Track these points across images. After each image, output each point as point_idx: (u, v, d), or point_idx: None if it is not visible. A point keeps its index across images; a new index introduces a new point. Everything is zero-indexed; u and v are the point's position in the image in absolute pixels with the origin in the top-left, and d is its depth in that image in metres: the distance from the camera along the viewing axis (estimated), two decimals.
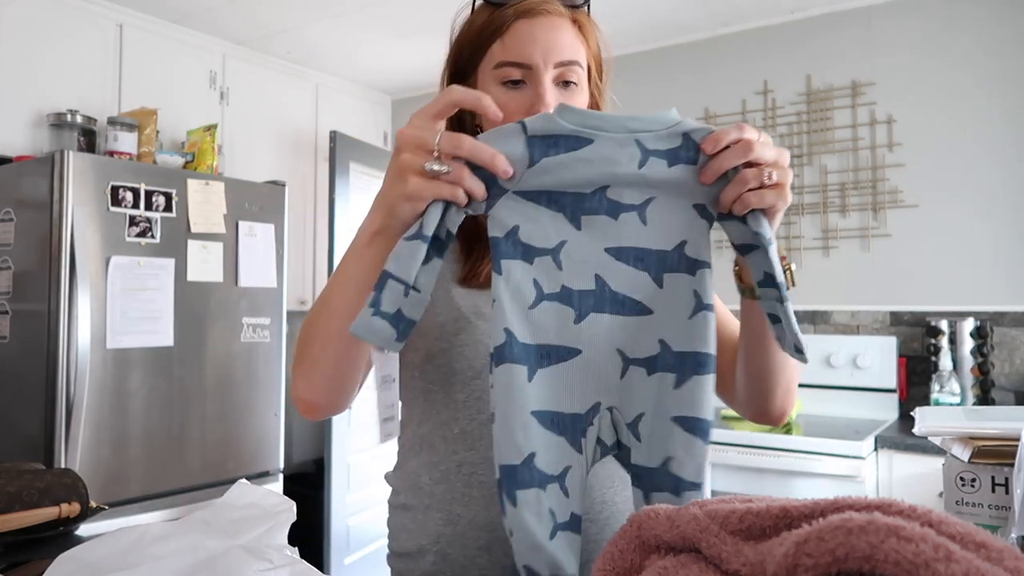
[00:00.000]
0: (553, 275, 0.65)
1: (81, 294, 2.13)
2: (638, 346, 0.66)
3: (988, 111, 2.58)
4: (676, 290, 0.66)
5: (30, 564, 0.93)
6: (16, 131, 2.57)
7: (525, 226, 0.65)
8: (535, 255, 0.65)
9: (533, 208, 0.65)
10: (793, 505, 0.45)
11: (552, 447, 0.63)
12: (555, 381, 0.64)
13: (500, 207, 0.65)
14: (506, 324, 0.63)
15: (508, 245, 0.65)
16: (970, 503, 0.78)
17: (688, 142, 0.65)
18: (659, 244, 0.66)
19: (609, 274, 0.66)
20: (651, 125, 0.65)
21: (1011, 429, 0.77)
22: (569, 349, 0.65)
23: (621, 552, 0.52)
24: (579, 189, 0.65)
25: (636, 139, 0.64)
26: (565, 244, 0.65)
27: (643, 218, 0.66)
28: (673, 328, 0.66)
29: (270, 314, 2.68)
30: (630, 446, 0.65)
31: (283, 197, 2.75)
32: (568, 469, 0.63)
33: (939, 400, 2.38)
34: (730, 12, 2.96)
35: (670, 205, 0.66)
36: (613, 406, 0.66)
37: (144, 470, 2.30)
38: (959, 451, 0.80)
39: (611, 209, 0.66)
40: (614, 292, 0.66)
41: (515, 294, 0.64)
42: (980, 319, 2.50)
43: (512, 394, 0.62)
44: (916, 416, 0.86)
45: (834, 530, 0.40)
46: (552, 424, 0.63)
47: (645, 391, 0.65)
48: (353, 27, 3.09)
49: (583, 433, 0.64)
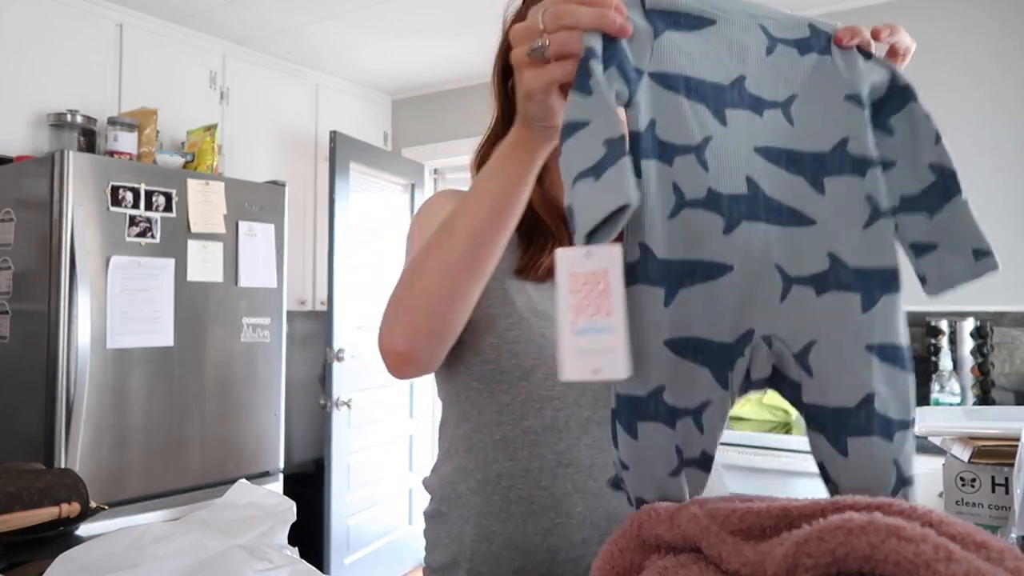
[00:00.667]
0: (698, 177, 0.55)
1: (81, 294, 2.13)
2: (802, 262, 0.56)
3: (988, 111, 2.58)
4: (844, 196, 0.56)
5: (30, 564, 0.93)
6: (16, 131, 2.57)
7: (663, 119, 0.55)
8: (676, 154, 0.55)
9: (672, 98, 0.56)
10: (793, 505, 0.45)
11: (691, 379, 0.54)
12: (700, 303, 0.54)
13: (640, 94, 0.55)
14: (642, 238, 0.54)
15: (648, 142, 0.55)
16: (970, 503, 0.78)
17: (818, 33, 0.58)
18: (814, 146, 0.57)
19: (762, 177, 0.56)
20: (772, 13, 0.58)
21: (1011, 429, 0.77)
22: (718, 265, 0.55)
23: (621, 551, 0.52)
24: (717, 79, 0.57)
25: (760, 24, 0.58)
26: (711, 141, 0.56)
27: (789, 117, 0.57)
28: (846, 240, 0.56)
29: (270, 314, 2.68)
30: (800, 381, 0.55)
31: (283, 197, 2.75)
32: (707, 404, 0.54)
33: (939, 400, 2.38)
34: None
35: (817, 100, 0.58)
36: (772, 334, 0.55)
37: (144, 470, 2.30)
38: (959, 451, 0.80)
39: (754, 104, 0.57)
40: (768, 198, 0.56)
41: (653, 202, 0.54)
42: (980, 319, 2.50)
43: (644, 320, 0.54)
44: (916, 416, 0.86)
45: (834, 530, 0.40)
46: (694, 353, 0.54)
47: (816, 314, 0.55)
48: (353, 27, 3.09)
49: (731, 366, 0.55)
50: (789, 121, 0.57)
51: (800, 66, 0.58)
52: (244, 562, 0.63)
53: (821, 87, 0.58)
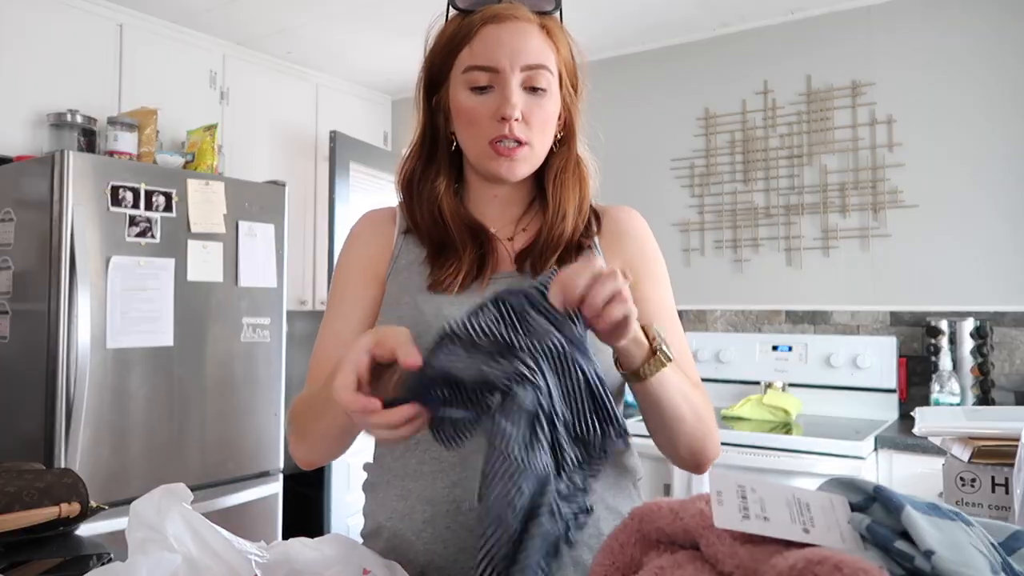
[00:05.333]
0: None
1: (81, 294, 2.13)
2: None
3: (988, 111, 2.58)
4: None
5: (30, 564, 0.93)
6: (16, 131, 2.57)
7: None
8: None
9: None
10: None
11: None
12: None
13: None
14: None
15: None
16: (970, 503, 0.78)
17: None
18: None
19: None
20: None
21: (1011, 429, 0.77)
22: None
23: (622, 546, 0.52)
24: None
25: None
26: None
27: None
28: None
29: (270, 314, 2.68)
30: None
31: (283, 197, 2.75)
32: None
33: (939, 400, 2.38)
34: (730, 12, 2.96)
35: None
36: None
37: (144, 470, 2.30)
38: (959, 451, 0.80)
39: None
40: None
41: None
42: (980, 319, 2.50)
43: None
44: (916, 416, 0.86)
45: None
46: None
47: None
48: (353, 27, 3.09)
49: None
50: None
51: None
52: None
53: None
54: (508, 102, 0.85)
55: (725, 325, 3.05)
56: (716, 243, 3.08)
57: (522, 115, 0.87)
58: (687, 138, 3.16)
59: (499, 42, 0.86)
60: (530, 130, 0.88)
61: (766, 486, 0.46)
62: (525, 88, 0.87)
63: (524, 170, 0.90)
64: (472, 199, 0.97)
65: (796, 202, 2.92)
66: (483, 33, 0.87)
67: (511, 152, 0.87)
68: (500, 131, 0.87)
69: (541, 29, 0.89)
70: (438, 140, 0.95)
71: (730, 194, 3.06)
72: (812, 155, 2.89)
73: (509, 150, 0.87)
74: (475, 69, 0.87)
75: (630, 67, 3.27)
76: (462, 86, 0.88)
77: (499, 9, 0.87)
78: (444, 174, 0.95)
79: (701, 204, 3.12)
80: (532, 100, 0.87)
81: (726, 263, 3.06)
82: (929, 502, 0.46)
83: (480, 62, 0.86)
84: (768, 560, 0.42)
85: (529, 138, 0.88)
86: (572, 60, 0.93)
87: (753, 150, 3.01)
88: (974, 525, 0.45)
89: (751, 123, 3.02)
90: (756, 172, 3.01)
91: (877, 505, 0.46)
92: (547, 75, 0.88)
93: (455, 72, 0.90)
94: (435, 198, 0.94)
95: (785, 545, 0.43)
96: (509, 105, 0.85)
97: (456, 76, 0.89)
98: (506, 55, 0.86)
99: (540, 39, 0.88)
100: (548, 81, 0.88)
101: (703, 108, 3.13)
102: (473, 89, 0.87)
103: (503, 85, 0.86)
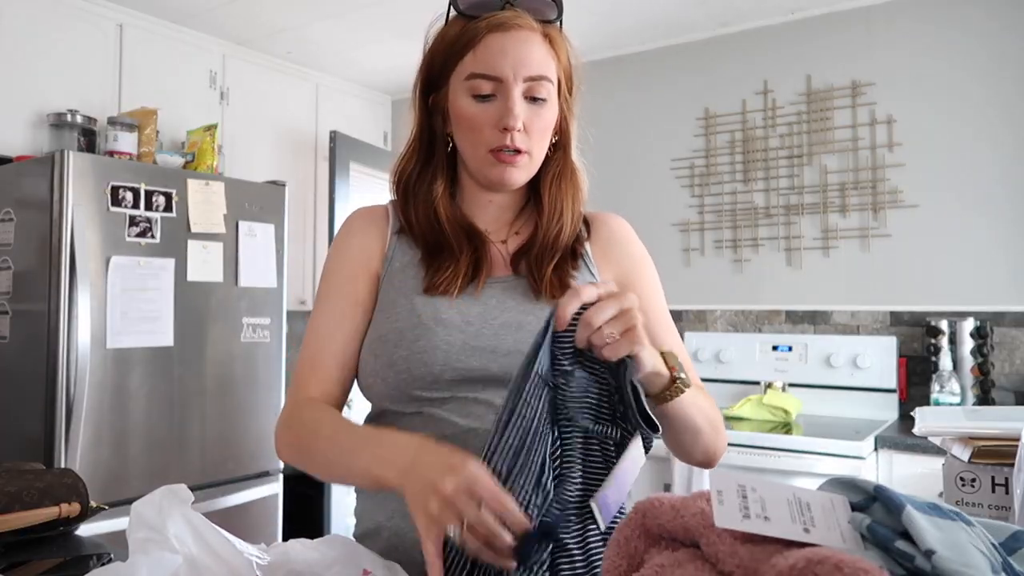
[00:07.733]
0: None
1: (81, 294, 2.13)
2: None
3: (988, 111, 2.58)
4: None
5: (30, 564, 0.93)
6: (16, 131, 2.57)
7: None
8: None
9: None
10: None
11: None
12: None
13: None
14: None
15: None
16: (970, 503, 0.78)
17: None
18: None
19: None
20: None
21: (1011, 429, 0.77)
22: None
23: (627, 539, 0.53)
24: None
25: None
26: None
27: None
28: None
29: (270, 314, 2.68)
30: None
31: (283, 197, 2.75)
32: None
33: (939, 400, 2.38)
34: (730, 12, 2.96)
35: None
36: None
37: (144, 470, 2.30)
38: (959, 451, 0.80)
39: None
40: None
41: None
42: (980, 319, 2.50)
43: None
44: (916, 416, 0.86)
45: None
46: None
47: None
48: (353, 27, 3.09)
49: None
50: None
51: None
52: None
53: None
54: (511, 113, 0.86)
55: (725, 325, 3.05)
56: (716, 243, 3.08)
57: (523, 125, 0.88)
58: (687, 138, 3.16)
59: (503, 51, 0.86)
60: (529, 139, 0.89)
61: (766, 486, 0.46)
62: (526, 98, 0.88)
63: (522, 177, 0.92)
64: (467, 202, 0.98)
65: (796, 202, 2.92)
66: (488, 41, 0.87)
67: (511, 160, 0.89)
68: (501, 140, 0.87)
69: (544, 38, 0.89)
70: (435, 141, 0.96)
71: (730, 194, 3.06)
72: (812, 155, 2.89)
73: (509, 158, 0.88)
74: (478, 77, 0.87)
75: (630, 67, 3.27)
76: (464, 92, 0.89)
77: (504, 17, 0.88)
78: (441, 177, 0.95)
79: (701, 204, 3.12)
80: (532, 110, 0.88)
81: (726, 263, 3.06)
82: (930, 502, 0.46)
83: (484, 70, 0.87)
84: (768, 560, 0.42)
85: (528, 147, 0.89)
86: (570, 66, 0.94)
87: (753, 150, 3.01)
88: (974, 525, 0.45)
89: (751, 123, 3.02)
90: (756, 172, 3.01)
91: (877, 505, 0.46)
92: (548, 85, 0.89)
93: (456, 76, 0.90)
94: (432, 201, 0.94)
95: (785, 545, 0.43)
96: (512, 116, 0.86)
97: (458, 81, 0.90)
98: (510, 65, 0.86)
99: (543, 49, 0.89)
100: (548, 91, 0.89)
101: (703, 108, 3.13)
102: (475, 96, 0.88)
103: (506, 95, 0.87)
